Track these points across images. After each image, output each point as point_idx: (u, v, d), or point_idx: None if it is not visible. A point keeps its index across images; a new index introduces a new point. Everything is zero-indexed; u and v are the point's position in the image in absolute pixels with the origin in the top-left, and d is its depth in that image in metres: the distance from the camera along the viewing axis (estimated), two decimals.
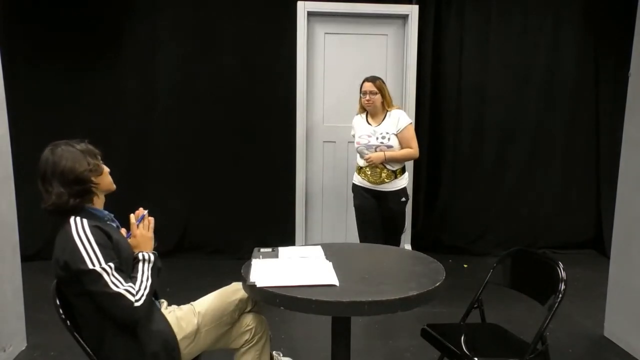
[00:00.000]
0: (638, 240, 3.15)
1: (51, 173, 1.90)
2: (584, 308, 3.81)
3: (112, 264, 1.85)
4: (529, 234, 5.13)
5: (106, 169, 2.05)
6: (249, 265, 2.10)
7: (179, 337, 2.02)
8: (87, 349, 1.91)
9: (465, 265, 4.80)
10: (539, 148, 5.10)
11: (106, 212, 2.05)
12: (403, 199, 3.81)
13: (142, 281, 1.92)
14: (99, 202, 2.03)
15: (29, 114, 4.52)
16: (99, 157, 2.03)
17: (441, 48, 4.92)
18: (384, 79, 3.87)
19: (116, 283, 1.83)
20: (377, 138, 3.70)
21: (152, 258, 2.01)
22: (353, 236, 4.99)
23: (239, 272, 2.06)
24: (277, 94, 4.82)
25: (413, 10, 4.78)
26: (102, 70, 4.68)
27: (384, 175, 3.71)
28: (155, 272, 2.00)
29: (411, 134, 3.74)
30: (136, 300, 1.85)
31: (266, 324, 2.26)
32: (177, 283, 3.72)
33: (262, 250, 2.32)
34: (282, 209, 4.94)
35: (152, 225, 2.09)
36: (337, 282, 1.90)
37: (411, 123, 3.77)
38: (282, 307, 1.84)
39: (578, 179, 5.17)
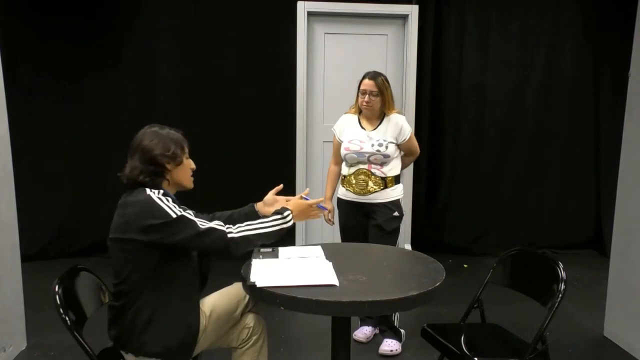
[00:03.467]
0: (638, 240, 3.15)
1: (135, 147, 2.04)
2: (584, 308, 3.81)
3: (191, 211, 1.97)
4: (529, 234, 5.14)
5: (188, 164, 2.14)
6: (249, 265, 2.10)
7: None
8: (88, 348, 1.91)
9: (465, 265, 4.80)
10: (538, 148, 5.10)
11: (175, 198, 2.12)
12: (396, 213, 3.08)
13: (251, 224, 2.04)
14: (170, 189, 2.10)
15: (29, 115, 4.53)
16: (185, 151, 2.12)
17: (441, 48, 4.93)
18: None
19: (203, 222, 1.95)
20: (372, 145, 3.07)
21: (290, 222, 2.12)
22: None
23: (239, 272, 2.06)
24: (277, 94, 4.82)
25: (413, 10, 4.78)
26: (103, 71, 4.68)
27: (370, 183, 3.08)
28: (279, 232, 2.10)
29: (414, 140, 3.22)
30: (229, 232, 1.96)
31: (264, 325, 2.26)
32: None
33: (262, 250, 2.31)
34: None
35: (315, 217, 2.29)
36: (337, 282, 1.90)
37: (412, 131, 3.22)
38: (282, 307, 1.83)
39: (578, 178, 5.17)
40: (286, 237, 5.33)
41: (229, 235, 1.96)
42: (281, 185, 2.26)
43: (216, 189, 4.89)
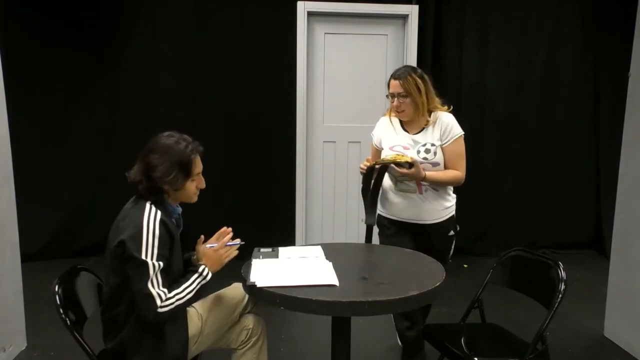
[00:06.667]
0: (638, 240, 3.15)
1: (142, 157, 2.01)
2: (584, 308, 3.81)
3: (160, 263, 1.89)
4: (529, 234, 5.13)
5: (191, 186, 2.09)
6: (249, 265, 2.10)
7: None
8: (87, 348, 1.91)
9: (465, 265, 4.80)
10: (538, 148, 5.10)
11: (177, 208, 2.10)
12: (451, 233, 2.69)
13: (183, 290, 1.95)
14: (172, 201, 2.08)
15: (29, 115, 4.52)
16: (191, 173, 2.07)
17: (441, 48, 4.92)
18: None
19: (154, 283, 1.87)
20: (418, 152, 2.60)
21: (208, 277, 2.03)
22: (353, 236, 4.99)
23: (239, 272, 2.06)
24: (277, 94, 4.82)
25: (413, 10, 4.78)
26: (103, 71, 4.68)
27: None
28: (201, 291, 2.02)
29: (461, 150, 2.67)
30: (161, 307, 1.88)
31: (264, 326, 2.26)
32: None
33: (262, 250, 2.32)
34: (282, 209, 4.93)
35: (230, 257, 2.12)
36: (337, 282, 1.90)
37: (463, 135, 2.68)
38: (282, 307, 1.84)
39: (578, 179, 5.17)
40: (286, 237, 5.32)
41: (159, 311, 1.87)
42: (202, 237, 2.20)
43: (216, 190, 4.88)
